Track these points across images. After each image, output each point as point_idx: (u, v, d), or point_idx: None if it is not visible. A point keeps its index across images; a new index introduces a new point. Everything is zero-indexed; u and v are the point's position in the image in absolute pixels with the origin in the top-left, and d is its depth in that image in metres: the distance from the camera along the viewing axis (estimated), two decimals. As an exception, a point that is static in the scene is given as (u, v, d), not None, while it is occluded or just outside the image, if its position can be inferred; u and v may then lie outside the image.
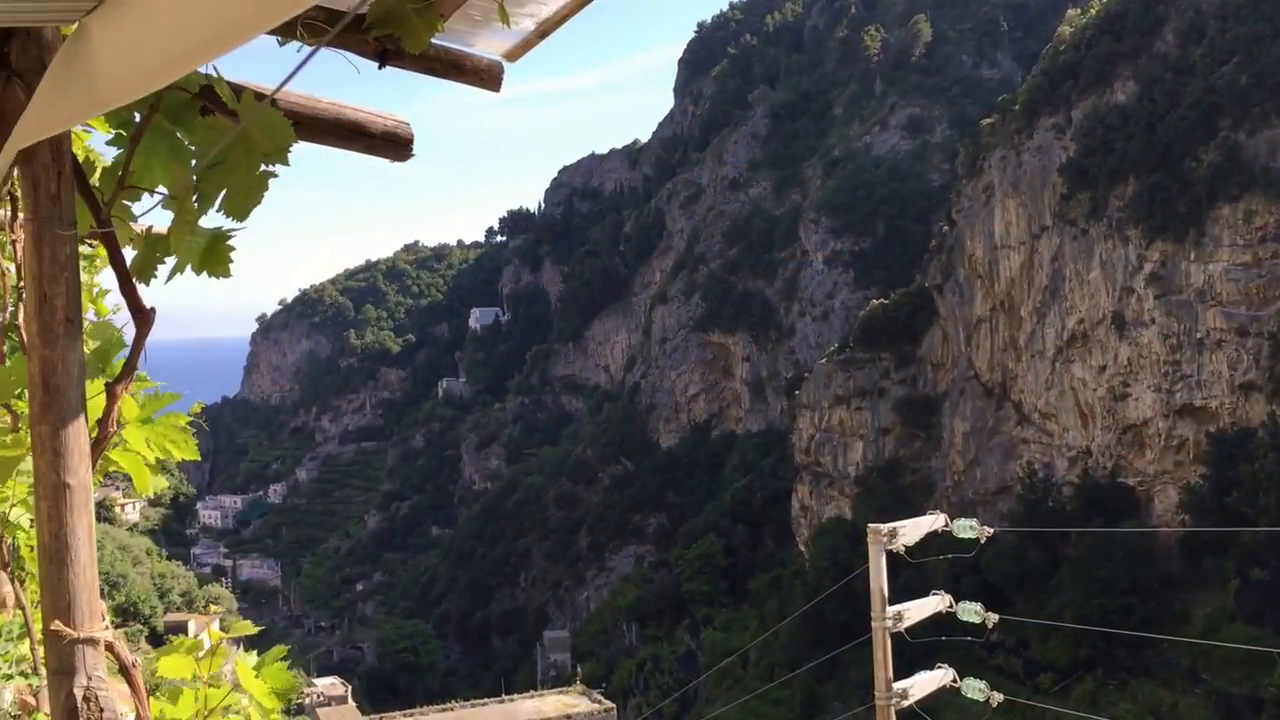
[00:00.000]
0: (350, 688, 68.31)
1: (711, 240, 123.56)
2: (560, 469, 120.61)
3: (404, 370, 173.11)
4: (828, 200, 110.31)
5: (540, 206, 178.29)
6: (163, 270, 2.02)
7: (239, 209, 1.90)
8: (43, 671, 4.20)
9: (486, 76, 2.10)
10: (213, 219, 1.98)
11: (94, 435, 1.90)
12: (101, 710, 1.77)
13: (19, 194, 3.14)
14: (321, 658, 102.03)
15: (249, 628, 2.16)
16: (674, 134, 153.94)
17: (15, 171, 2.58)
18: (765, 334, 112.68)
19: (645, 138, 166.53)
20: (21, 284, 3.38)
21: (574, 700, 47.47)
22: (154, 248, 2.02)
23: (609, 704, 47.24)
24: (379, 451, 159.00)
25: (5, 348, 5.07)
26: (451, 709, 49.46)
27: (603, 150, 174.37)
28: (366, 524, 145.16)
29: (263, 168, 1.87)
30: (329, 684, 66.58)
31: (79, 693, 1.77)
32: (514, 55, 2.14)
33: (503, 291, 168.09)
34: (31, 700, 4.28)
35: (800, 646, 68.75)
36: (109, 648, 1.84)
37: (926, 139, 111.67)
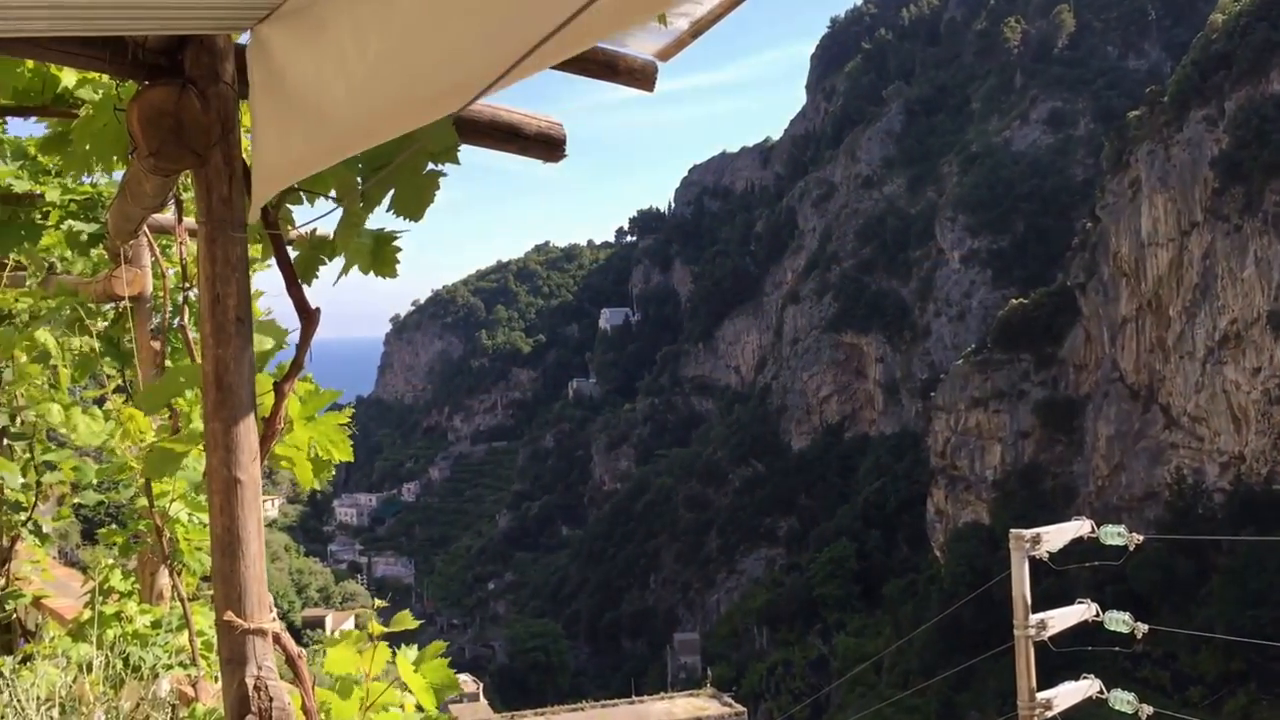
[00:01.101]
0: (482, 685, 69.67)
1: (844, 239, 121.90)
2: (690, 470, 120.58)
3: (534, 370, 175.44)
4: (965, 197, 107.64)
5: (670, 206, 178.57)
6: (325, 271, 2.08)
7: (411, 209, 1.94)
8: (201, 663, 4.36)
9: (640, 76, 2.10)
10: (382, 219, 2.02)
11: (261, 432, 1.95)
12: (271, 699, 1.83)
13: (182, 197, 3.28)
14: (453, 655, 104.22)
15: (410, 620, 2.19)
16: (806, 131, 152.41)
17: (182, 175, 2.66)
18: (899, 334, 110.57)
19: (777, 135, 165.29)
20: (187, 284, 3.52)
21: (704, 703, 47.40)
22: (317, 249, 2.09)
23: (739, 707, 47.04)
24: (510, 451, 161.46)
25: (168, 348, 5.31)
26: (582, 709, 49.95)
27: (734, 149, 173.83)
28: (498, 523, 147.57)
29: (430, 167, 1.91)
30: (461, 681, 67.80)
31: (250, 681, 1.83)
32: (666, 55, 2.12)
33: (633, 292, 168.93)
34: (190, 690, 4.43)
35: (936, 654, 67.24)
36: (276, 639, 1.89)
37: (1069, 133, 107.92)
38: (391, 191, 1.94)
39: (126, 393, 5.64)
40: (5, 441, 7.04)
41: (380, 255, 2.03)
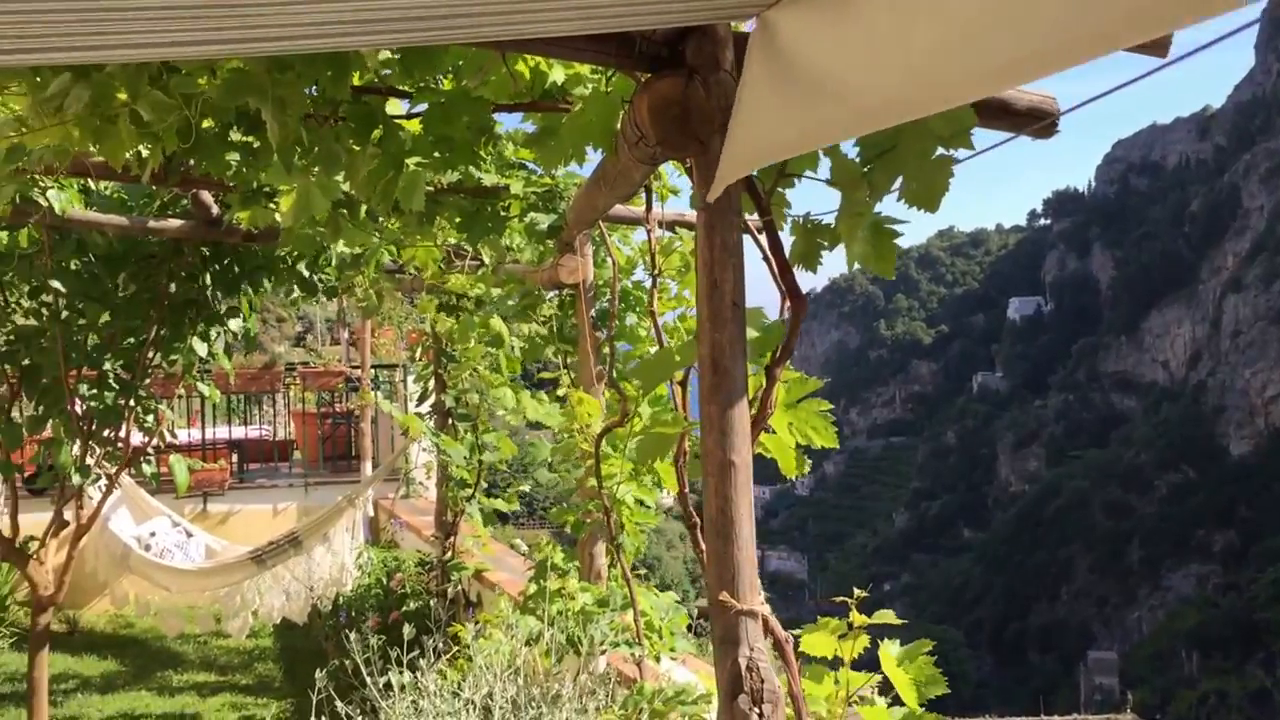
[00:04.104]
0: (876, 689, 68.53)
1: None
2: (1109, 474, 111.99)
3: (936, 363, 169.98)
4: None
5: (1090, 185, 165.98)
6: (825, 258, 2.07)
7: (924, 198, 1.88)
8: (644, 642, 4.54)
9: (1154, 44, 1.88)
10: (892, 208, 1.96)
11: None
12: (762, 681, 1.85)
13: (651, 186, 3.41)
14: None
15: (891, 617, 2.15)
16: (1254, 97, 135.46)
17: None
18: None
19: (1218, 103, 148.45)
20: (656, 272, 3.67)
21: (1124, 727, 43.73)
22: (813, 235, 2.09)
23: (1166, 736, 42.95)
24: (908, 447, 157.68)
25: (604, 335, 5.61)
26: (986, 724, 47.82)
27: (1165, 120, 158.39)
28: (894, 522, 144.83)
29: (939, 152, 1.83)
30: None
31: (742, 662, 1.87)
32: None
33: (1045, 279, 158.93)
34: (631, 670, 4.62)
35: None
36: (765, 622, 1.91)
37: None
38: (899, 179, 1.88)
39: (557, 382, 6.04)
40: (451, 422, 7.79)
41: (879, 247, 1.98)
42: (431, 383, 8.46)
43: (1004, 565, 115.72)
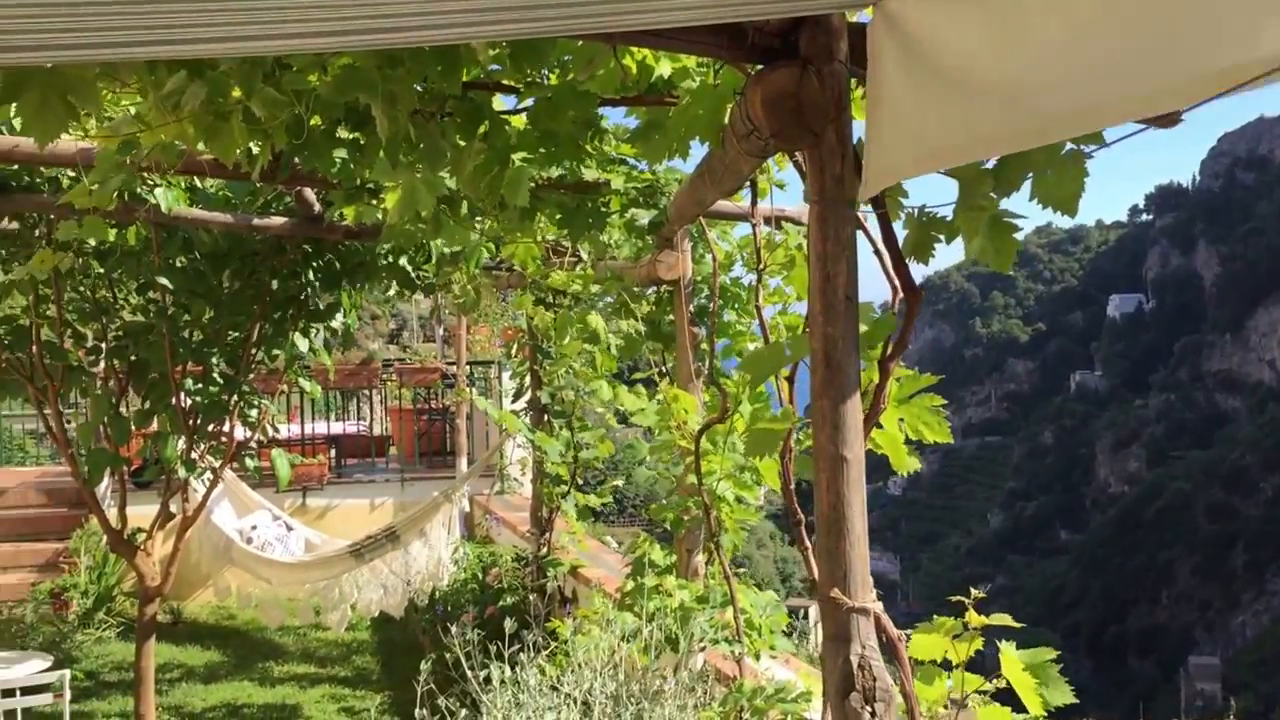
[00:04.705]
0: (969, 691, 67.19)
1: None
2: (1212, 475, 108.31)
3: (1032, 361, 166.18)
4: None
5: (1195, 180, 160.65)
6: (939, 250, 2.02)
7: (1057, 198, 1.81)
8: (744, 640, 4.50)
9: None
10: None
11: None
12: (874, 679, 1.81)
13: (755, 179, 3.37)
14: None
15: (1008, 619, 2.09)
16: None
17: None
18: None
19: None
20: (761, 267, 3.63)
21: (1229, 736, 42.33)
22: (928, 228, 2.04)
23: (1273, 747, 41.40)
24: (1004, 447, 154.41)
25: (703, 330, 5.56)
26: (1084, 725, 46.75)
27: (1274, 112, 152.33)
28: (989, 523, 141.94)
29: (1069, 147, 1.76)
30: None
31: (854, 660, 1.83)
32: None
33: (1147, 276, 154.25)
34: (730, 668, 4.58)
35: None
36: (877, 619, 1.87)
37: None
38: (1030, 176, 1.81)
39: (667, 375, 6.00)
40: (546, 418, 7.81)
41: (997, 241, 1.92)
42: (527, 379, 8.48)
43: (1102, 568, 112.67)
